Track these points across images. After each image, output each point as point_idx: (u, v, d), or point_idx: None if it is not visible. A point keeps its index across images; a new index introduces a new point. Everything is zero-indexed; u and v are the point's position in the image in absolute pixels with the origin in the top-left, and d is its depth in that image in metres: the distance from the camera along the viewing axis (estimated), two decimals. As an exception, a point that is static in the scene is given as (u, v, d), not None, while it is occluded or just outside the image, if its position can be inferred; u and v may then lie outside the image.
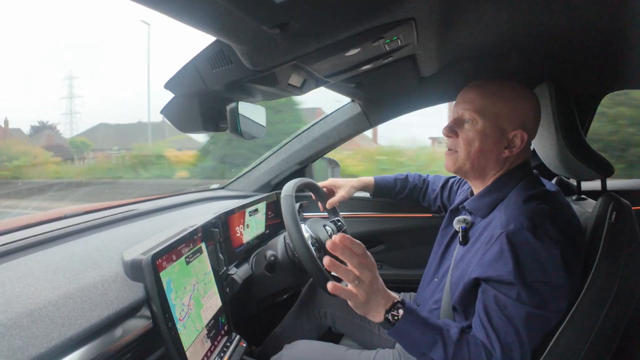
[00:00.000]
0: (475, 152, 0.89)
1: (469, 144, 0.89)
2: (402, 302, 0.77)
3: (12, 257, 0.78)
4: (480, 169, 0.91)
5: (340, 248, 0.67)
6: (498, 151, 0.88)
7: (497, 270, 0.75)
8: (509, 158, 0.89)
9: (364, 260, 0.70)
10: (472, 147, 0.89)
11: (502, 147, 0.88)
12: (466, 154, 0.90)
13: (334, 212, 1.39)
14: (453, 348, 0.75)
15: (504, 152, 0.88)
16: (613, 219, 0.82)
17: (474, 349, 0.76)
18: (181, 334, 0.79)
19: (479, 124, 0.87)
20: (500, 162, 0.90)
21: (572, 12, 0.80)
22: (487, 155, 0.89)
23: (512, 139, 0.87)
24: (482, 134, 0.87)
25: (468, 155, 0.90)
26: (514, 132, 0.87)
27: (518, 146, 0.87)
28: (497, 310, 0.76)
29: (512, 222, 0.77)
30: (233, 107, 0.91)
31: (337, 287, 0.70)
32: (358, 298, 0.71)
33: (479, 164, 0.90)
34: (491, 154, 0.89)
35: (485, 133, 0.87)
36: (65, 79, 12.04)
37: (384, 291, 0.75)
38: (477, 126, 0.88)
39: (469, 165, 0.91)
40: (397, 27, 0.68)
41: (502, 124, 0.87)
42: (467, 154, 0.90)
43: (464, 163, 0.91)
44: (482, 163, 0.90)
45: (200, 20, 0.56)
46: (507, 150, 0.88)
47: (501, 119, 0.87)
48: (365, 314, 0.75)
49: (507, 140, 0.87)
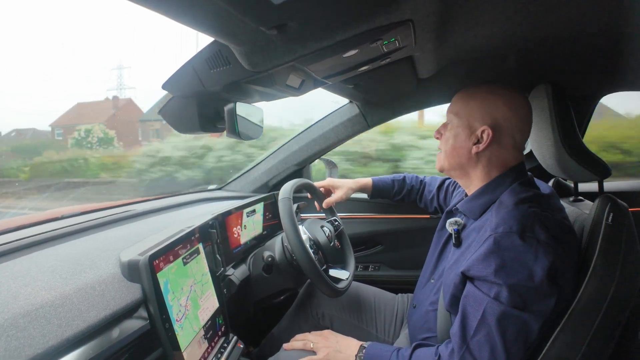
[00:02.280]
0: (450, 149, 0.95)
1: (446, 142, 0.96)
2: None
3: (9, 257, 0.78)
4: (457, 166, 0.96)
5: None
6: (468, 147, 0.92)
7: (480, 270, 0.76)
8: (482, 154, 0.91)
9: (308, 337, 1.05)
10: (447, 145, 0.95)
11: (471, 143, 0.91)
12: (444, 152, 0.97)
13: (331, 213, 1.39)
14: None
15: (473, 148, 0.91)
16: (610, 221, 0.82)
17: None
18: (178, 335, 0.78)
19: (454, 123, 0.94)
20: (473, 159, 0.92)
21: (570, 15, 0.81)
22: (459, 152, 0.93)
23: (481, 135, 0.90)
24: (455, 132, 0.93)
25: (445, 153, 0.96)
26: (482, 128, 0.89)
27: (484, 141, 0.89)
28: (473, 307, 0.78)
29: (502, 225, 0.77)
30: (231, 107, 0.91)
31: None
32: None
33: (454, 161, 0.95)
34: (462, 151, 0.93)
35: (457, 131, 0.93)
36: (114, 69, 11.68)
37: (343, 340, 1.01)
38: (452, 125, 0.94)
39: (447, 163, 0.97)
40: (395, 28, 0.68)
41: (472, 122, 0.91)
42: (445, 152, 0.96)
43: (444, 161, 0.97)
44: (457, 160, 0.94)
45: (198, 21, 0.56)
46: (475, 146, 0.91)
47: (472, 117, 0.91)
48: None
49: (476, 137, 0.90)
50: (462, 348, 0.77)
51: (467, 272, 0.80)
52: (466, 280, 0.82)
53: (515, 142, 0.90)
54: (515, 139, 0.90)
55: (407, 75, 1.17)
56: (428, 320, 0.98)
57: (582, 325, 0.77)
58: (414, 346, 0.89)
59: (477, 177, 0.94)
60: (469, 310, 0.78)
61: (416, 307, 1.06)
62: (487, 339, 0.75)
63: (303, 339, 1.05)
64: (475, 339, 0.76)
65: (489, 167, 0.92)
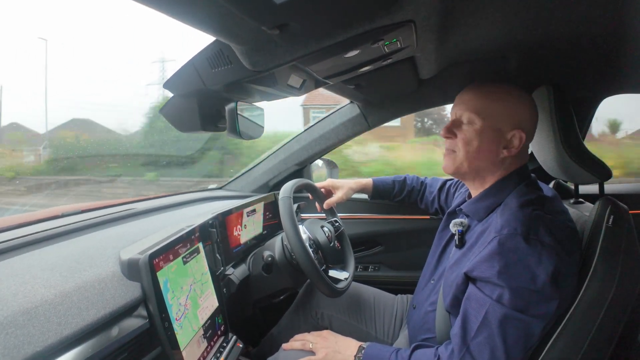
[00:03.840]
0: (474, 151, 0.89)
1: (468, 143, 0.89)
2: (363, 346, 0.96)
3: (8, 255, 0.78)
4: (477, 170, 0.91)
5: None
6: (496, 151, 0.88)
7: (484, 271, 0.76)
8: (507, 159, 0.89)
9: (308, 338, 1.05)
10: (470, 147, 0.89)
11: (500, 147, 0.88)
12: (464, 154, 0.90)
13: (331, 213, 1.39)
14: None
15: (502, 152, 0.88)
16: (610, 223, 0.82)
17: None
18: (177, 334, 0.78)
19: (477, 124, 0.88)
20: (497, 163, 0.90)
21: (571, 16, 0.81)
22: (485, 155, 0.89)
23: (511, 139, 0.87)
24: (481, 133, 0.87)
25: (466, 155, 0.89)
26: (511, 132, 0.87)
27: (516, 146, 0.87)
28: (475, 309, 0.77)
29: (506, 227, 0.77)
30: (232, 107, 0.91)
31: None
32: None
33: (476, 164, 0.90)
34: (490, 154, 0.89)
35: (483, 133, 0.87)
36: (155, 62, 11.23)
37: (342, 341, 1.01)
38: (475, 126, 0.88)
39: (466, 166, 0.90)
40: (397, 29, 0.68)
41: (499, 124, 0.87)
42: (466, 153, 0.89)
43: (462, 163, 0.91)
44: (480, 163, 0.90)
45: (200, 21, 0.56)
46: (506, 150, 0.88)
47: (498, 119, 0.87)
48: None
49: (505, 141, 0.88)
50: (462, 349, 0.77)
51: (470, 273, 0.80)
52: (468, 281, 0.82)
53: (527, 144, 0.90)
54: (527, 142, 0.90)
55: (408, 75, 1.17)
56: (428, 321, 0.98)
57: (582, 327, 0.77)
58: (413, 347, 0.89)
59: (490, 179, 0.92)
60: (471, 311, 0.78)
61: (416, 308, 1.06)
62: (487, 340, 0.75)
63: (302, 339, 1.05)
64: (475, 341, 0.76)
65: (504, 171, 0.90)
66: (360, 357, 0.93)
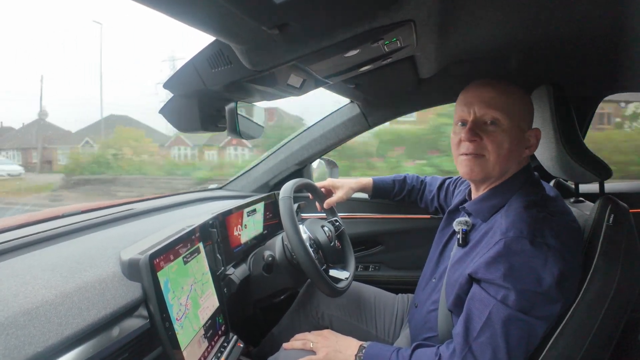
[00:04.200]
0: (505, 154, 0.84)
1: (499, 146, 0.84)
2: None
3: (9, 255, 0.78)
4: (503, 172, 0.88)
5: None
6: (520, 151, 0.87)
7: (489, 273, 0.76)
8: (525, 159, 0.89)
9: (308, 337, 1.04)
10: (502, 150, 0.84)
11: (523, 147, 0.87)
12: (496, 157, 0.84)
13: (332, 213, 1.39)
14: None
15: (525, 152, 0.88)
16: (611, 222, 0.82)
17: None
18: (178, 334, 0.78)
19: (504, 124, 0.84)
20: (519, 163, 0.89)
21: (571, 16, 0.81)
22: (513, 156, 0.86)
23: (528, 138, 0.87)
24: (509, 134, 0.84)
25: (498, 158, 0.84)
26: (529, 131, 0.87)
27: (535, 145, 0.87)
28: (479, 309, 0.77)
29: (512, 229, 0.77)
30: (232, 107, 0.91)
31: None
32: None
33: (506, 167, 0.87)
34: (516, 155, 0.87)
35: (511, 133, 0.84)
36: (165, 61, 11.07)
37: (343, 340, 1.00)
38: (504, 126, 0.84)
39: (498, 169, 0.86)
40: (397, 28, 0.68)
41: (521, 124, 0.86)
42: (498, 157, 0.84)
43: (494, 167, 0.86)
44: (509, 165, 0.87)
45: (200, 21, 0.56)
46: (527, 149, 0.88)
47: (520, 117, 0.85)
48: None
49: (526, 140, 0.87)
50: (464, 349, 0.77)
51: (474, 274, 0.79)
52: (472, 281, 0.82)
53: None
54: None
55: (408, 75, 1.17)
56: (429, 320, 0.98)
57: (583, 326, 0.77)
58: (414, 346, 0.89)
59: (502, 179, 0.90)
60: (474, 311, 0.78)
61: (417, 307, 1.06)
62: (490, 341, 0.75)
63: (303, 338, 1.05)
64: (478, 341, 0.76)
65: (515, 171, 0.90)
66: (361, 357, 0.93)
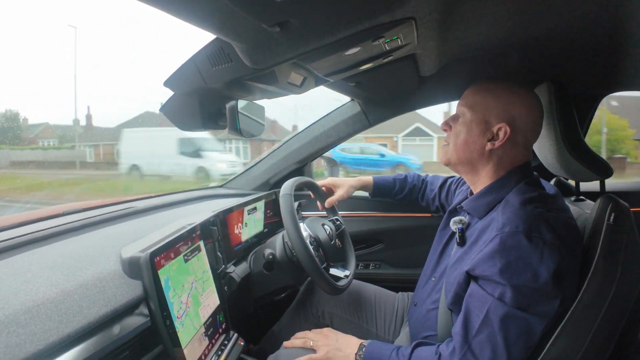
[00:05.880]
0: (461, 143, 0.92)
1: (457, 136, 0.93)
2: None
3: (10, 253, 0.78)
4: (466, 162, 0.94)
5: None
6: (481, 143, 0.90)
7: (486, 270, 0.76)
8: (495, 152, 0.90)
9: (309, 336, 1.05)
10: (458, 139, 0.93)
11: (485, 139, 0.89)
12: (453, 145, 0.94)
13: (332, 211, 1.39)
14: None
15: (487, 145, 0.89)
16: (612, 221, 0.82)
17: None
18: (179, 331, 0.78)
19: (467, 117, 0.91)
20: (485, 155, 0.91)
21: (573, 13, 0.80)
22: (470, 146, 0.91)
23: (497, 132, 0.89)
24: (468, 126, 0.91)
25: (455, 147, 0.93)
26: (498, 125, 0.88)
27: (500, 139, 0.88)
28: (477, 307, 0.77)
29: (508, 225, 0.77)
30: (232, 105, 0.91)
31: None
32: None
33: (464, 156, 0.93)
34: (474, 146, 0.91)
35: (471, 125, 0.90)
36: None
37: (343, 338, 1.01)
38: (465, 119, 0.92)
39: (455, 157, 0.94)
40: (398, 26, 0.68)
41: (488, 118, 0.89)
42: (455, 145, 0.94)
43: (452, 154, 0.95)
44: (467, 155, 0.92)
45: (200, 19, 0.56)
46: (490, 142, 0.89)
47: (488, 112, 0.89)
48: None
49: (492, 134, 0.89)
50: (463, 347, 0.77)
51: (471, 271, 0.80)
52: (470, 279, 0.82)
53: (527, 141, 0.90)
54: (527, 139, 0.90)
55: (409, 73, 1.16)
56: (429, 318, 0.98)
57: (582, 325, 0.77)
58: (414, 345, 0.89)
59: (485, 174, 0.93)
60: (472, 309, 0.78)
61: (417, 305, 1.06)
62: (489, 339, 0.75)
63: (303, 336, 1.05)
64: (477, 339, 0.76)
65: (499, 165, 0.91)
66: (362, 355, 0.93)
